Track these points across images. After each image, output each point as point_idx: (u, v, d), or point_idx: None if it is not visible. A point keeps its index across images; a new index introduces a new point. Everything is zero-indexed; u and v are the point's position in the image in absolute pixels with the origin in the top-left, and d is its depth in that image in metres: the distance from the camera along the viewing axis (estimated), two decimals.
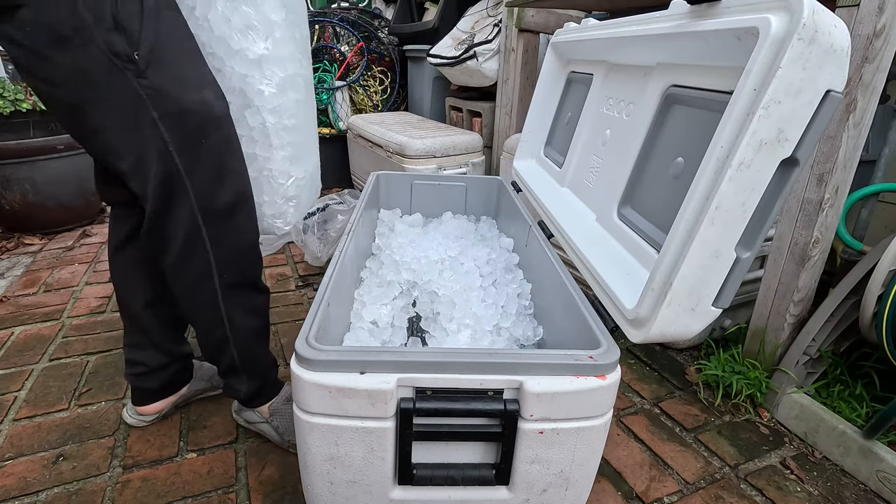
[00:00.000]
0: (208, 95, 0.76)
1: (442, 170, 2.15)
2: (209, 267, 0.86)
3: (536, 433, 0.66)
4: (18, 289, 1.80)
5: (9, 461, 1.05)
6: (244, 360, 1.00)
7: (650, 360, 1.49)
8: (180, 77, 0.71)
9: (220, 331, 0.95)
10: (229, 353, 0.98)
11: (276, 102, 0.86)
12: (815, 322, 1.22)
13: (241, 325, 0.96)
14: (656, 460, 1.12)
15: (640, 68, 0.97)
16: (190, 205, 0.79)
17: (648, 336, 0.66)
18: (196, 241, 0.83)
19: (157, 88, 0.69)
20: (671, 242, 0.62)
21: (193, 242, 0.83)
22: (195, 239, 0.83)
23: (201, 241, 0.83)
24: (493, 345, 0.97)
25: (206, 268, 0.86)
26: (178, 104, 0.72)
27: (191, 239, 0.82)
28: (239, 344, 0.97)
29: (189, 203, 0.79)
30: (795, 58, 0.52)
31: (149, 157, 0.74)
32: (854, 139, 1.09)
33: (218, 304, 0.91)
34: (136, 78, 0.68)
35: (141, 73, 0.68)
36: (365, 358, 0.64)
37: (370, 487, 0.69)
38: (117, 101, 0.68)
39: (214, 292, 0.89)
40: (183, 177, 0.77)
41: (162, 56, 0.69)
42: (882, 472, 1.05)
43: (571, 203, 1.15)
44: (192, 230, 0.82)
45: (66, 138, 2.20)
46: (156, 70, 0.68)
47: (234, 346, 0.97)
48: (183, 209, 0.79)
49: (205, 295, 0.89)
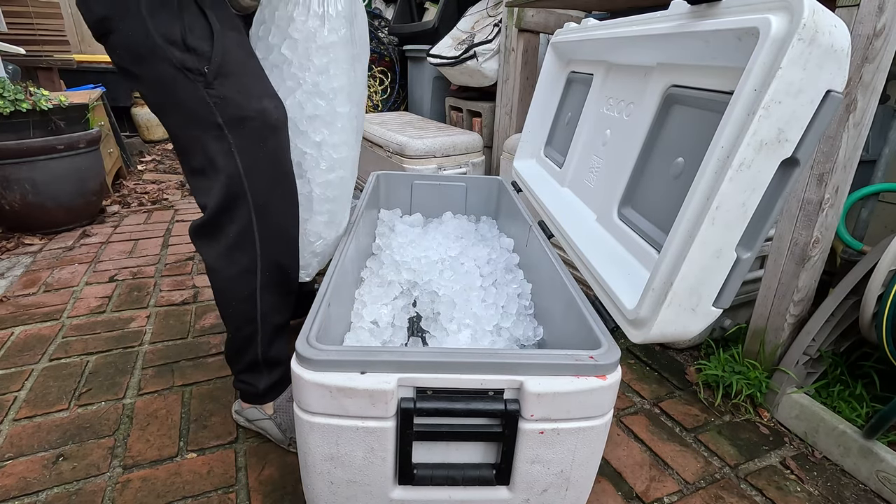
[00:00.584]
0: (267, 104, 0.85)
1: (442, 170, 2.15)
2: (254, 264, 0.92)
3: (537, 433, 0.66)
4: (18, 289, 1.80)
5: (9, 461, 1.05)
6: (267, 356, 1.02)
7: (650, 360, 1.49)
8: (242, 88, 0.82)
9: (250, 327, 0.97)
10: (254, 350, 1.00)
11: (324, 178, 0.99)
12: (815, 322, 1.22)
13: (270, 322, 0.99)
14: (656, 460, 1.12)
15: (641, 68, 0.97)
16: (247, 203, 0.87)
17: (649, 336, 0.66)
18: (246, 238, 0.89)
19: (223, 97, 0.80)
20: (671, 242, 0.62)
21: (244, 239, 0.89)
22: (246, 235, 0.89)
23: (251, 239, 0.90)
24: (494, 345, 0.98)
25: (252, 265, 0.91)
26: (240, 110, 0.82)
27: (242, 235, 0.89)
28: (265, 340, 1.00)
29: (246, 201, 0.87)
30: (796, 58, 0.52)
31: (215, 158, 0.84)
32: (854, 139, 1.09)
33: (255, 301, 0.95)
34: (204, 88, 0.79)
35: (209, 84, 0.79)
36: (365, 358, 0.64)
37: (370, 487, 0.69)
38: (189, 107, 0.80)
39: (254, 289, 0.94)
40: (242, 176, 0.85)
41: (227, 70, 0.80)
42: (882, 472, 1.05)
43: (572, 203, 1.15)
44: (245, 227, 0.88)
45: (66, 138, 2.20)
46: (222, 82, 0.80)
47: (261, 343, 1.00)
48: (241, 207, 0.87)
49: (244, 290, 0.94)
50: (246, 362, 1.03)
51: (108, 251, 2.15)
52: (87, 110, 2.53)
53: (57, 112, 2.32)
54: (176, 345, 1.47)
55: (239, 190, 0.86)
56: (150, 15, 0.75)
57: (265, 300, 0.96)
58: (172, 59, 0.76)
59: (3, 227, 2.29)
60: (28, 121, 2.23)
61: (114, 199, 2.85)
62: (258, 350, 1.00)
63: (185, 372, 1.35)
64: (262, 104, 0.84)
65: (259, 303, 0.95)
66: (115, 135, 3.23)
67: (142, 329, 1.55)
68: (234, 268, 0.92)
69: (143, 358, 1.41)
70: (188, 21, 0.77)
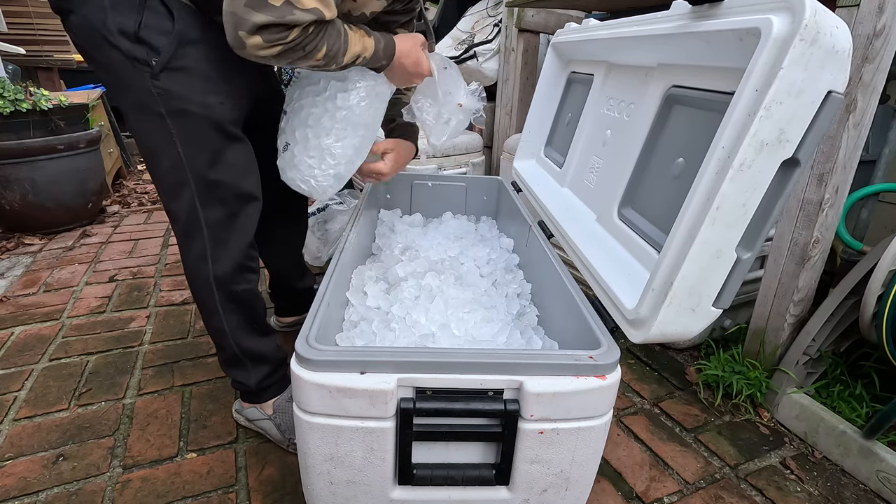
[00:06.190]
0: (211, 101, 0.87)
1: (442, 170, 2.15)
2: (204, 249, 0.94)
3: (536, 433, 0.66)
4: (18, 289, 1.79)
5: (9, 461, 1.05)
6: (242, 348, 1.03)
7: (650, 360, 1.49)
8: (189, 84, 0.85)
9: (216, 318, 0.99)
10: (227, 343, 1.01)
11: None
12: (815, 322, 1.22)
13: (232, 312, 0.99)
14: (656, 460, 1.12)
15: (641, 69, 0.97)
16: (190, 189, 0.90)
17: (648, 336, 0.66)
18: (195, 223, 0.92)
19: (167, 89, 0.83)
20: (672, 243, 0.62)
21: (193, 224, 0.92)
22: (195, 221, 0.92)
23: (199, 224, 0.92)
24: (494, 344, 0.97)
25: (202, 250, 0.94)
26: (182, 103, 0.85)
27: (191, 221, 0.92)
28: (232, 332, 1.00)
29: (189, 188, 0.90)
30: (797, 58, 0.52)
31: (158, 146, 0.88)
32: (854, 139, 1.09)
33: (212, 290, 0.97)
34: (150, 79, 0.82)
35: (155, 76, 0.82)
36: (365, 358, 0.64)
37: (370, 487, 0.69)
38: (135, 94, 0.84)
39: (208, 277, 0.96)
40: (185, 164, 0.88)
41: (177, 66, 0.83)
42: (882, 472, 1.05)
43: (572, 203, 1.15)
44: (192, 212, 0.91)
45: (66, 138, 2.20)
46: (168, 75, 0.83)
47: (231, 335, 1.00)
48: (185, 194, 0.90)
49: (201, 279, 0.96)
50: (226, 359, 1.05)
51: (108, 251, 2.15)
52: (86, 110, 2.53)
53: (57, 112, 2.32)
54: (176, 345, 1.47)
55: (182, 177, 0.89)
56: (112, 6, 0.79)
57: (222, 290, 0.97)
58: (121, 48, 0.80)
59: (3, 227, 2.29)
60: (28, 121, 2.23)
61: (114, 199, 2.85)
62: (231, 343, 1.01)
63: (185, 372, 1.35)
64: (205, 99, 0.86)
65: (216, 292, 0.97)
66: (116, 135, 3.23)
67: (142, 329, 1.55)
68: (189, 254, 0.95)
69: (143, 358, 1.41)
70: (146, 17, 0.80)
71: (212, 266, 0.95)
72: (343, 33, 0.84)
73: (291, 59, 0.80)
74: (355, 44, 0.86)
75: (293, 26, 0.74)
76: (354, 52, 0.87)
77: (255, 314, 1.04)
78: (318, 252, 1.92)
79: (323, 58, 0.82)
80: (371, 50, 0.90)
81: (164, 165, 0.89)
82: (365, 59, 0.90)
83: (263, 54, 0.76)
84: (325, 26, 0.80)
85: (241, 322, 1.01)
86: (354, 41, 0.86)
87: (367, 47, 0.89)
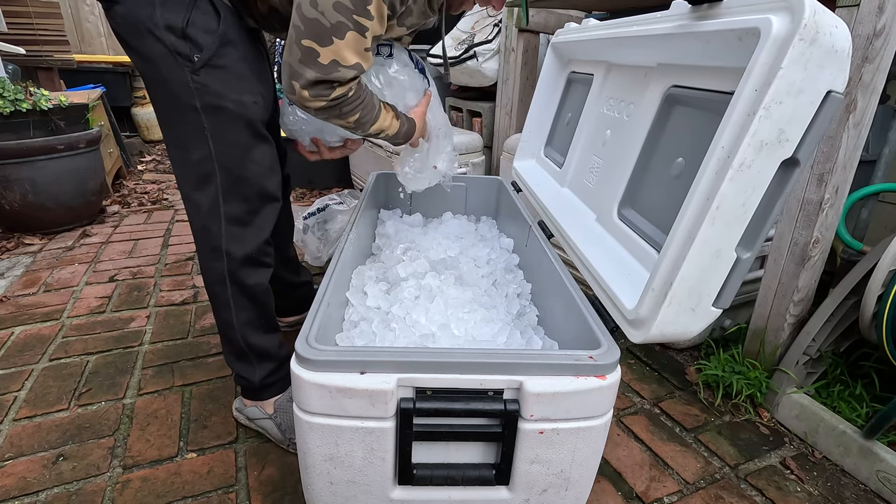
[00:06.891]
0: (246, 99, 0.91)
1: None
2: (221, 243, 0.96)
3: (536, 433, 0.66)
4: (18, 289, 1.79)
5: (9, 461, 1.05)
6: (249, 343, 1.04)
7: (650, 360, 1.49)
8: (226, 82, 0.89)
9: (226, 312, 1.01)
10: (234, 335, 1.03)
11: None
12: (815, 322, 1.22)
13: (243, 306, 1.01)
14: (656, 460, 1.12)
15: (641, 69, 0.97)
16: (216, 183, 0.93)
17: (648, 336, 0.66)
18: (215, 216, 0.95)
19: (205, 84, 0.87)
20: (671, 242, 0.62)
21: (213, 217, 0.95)
22: (215, 214, 0.95)
23: (218, 217, 0.95)
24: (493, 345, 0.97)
25: (219, 243, 0.96)
26: (218, 99, 0.88)
27: (212, 213, 0.95)
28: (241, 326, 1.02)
29: (216, 182, 0.93)
30: (797, 58, 0.52)
31: (188, 138, 0.91)
32: (854, 139, 1.09)
33: (226, 283, 0.99)
34: (190, 73, 0.86)
35: (195, 71, 0.86)
36: (365, 358, 0.64)
37: (370, 487, 0.69)
38: (172, 87, 0.87)
39: (223, 272, 0.98)
40: (213, 159, 0.91)
41: (217, 64, 0.87)
42: (882, 472, 1.05)
43: (571, 203, 1.15)
44: (214, 205, 0.94)
45: (66, 138, 2.20)
46: (208, 72, 0.86)
47: (238, 329, 1.02)
48: (211, 185, 0.93)
49: (216, 273, 0.99)
50: (232, 352, 1.06)
51: (108, 251, 2.15)
52: (86, 110, 2.53)
53: (57, 112, 2.32)
54: (176, 345, 1.47)
55: (209, 170, 0.92)
56: (161, 2, 0.82)
57: (235, 283, 0.99)
58: (166, 42, 0.83)
59: (3, 227, 2.29)
60: (28, 121, 2.23)
61: (114, 199, 2.85)
62: (238, 337, 1.03)
63: (185, 372, 1.35)
64: (241, 97, 0.90)
65: (229, 285, 0.99)
66: (115, 135, 3.23)
67: (142, 329, 1.55)
68: (205, 246, 0.98)
69: (143, 358, 1.41)
70: (194, 15, 0.84)
71: (227, 260, 0.97)
72: (377, 109, 0.95)
73: (328, 115, 0.88)
74: (384, 120, 0.98)
75: (337, 83, 0.83)
76: (380, 127, 0.97)
77: (265, 310, 1.06)
78: (318, 252, 1.92)
79: (354, 122, 0.92)
80: (394, 130, 1.01)
81: (194, 157, 0.92)
82: (387, 136, 1.01)
83: (308, 105, 0.85)
84: (365, 94, 0.91)
85: (250, 317, 1.03)
86: (383, 118, 0.97)
87: (393, 127, 1.00)
